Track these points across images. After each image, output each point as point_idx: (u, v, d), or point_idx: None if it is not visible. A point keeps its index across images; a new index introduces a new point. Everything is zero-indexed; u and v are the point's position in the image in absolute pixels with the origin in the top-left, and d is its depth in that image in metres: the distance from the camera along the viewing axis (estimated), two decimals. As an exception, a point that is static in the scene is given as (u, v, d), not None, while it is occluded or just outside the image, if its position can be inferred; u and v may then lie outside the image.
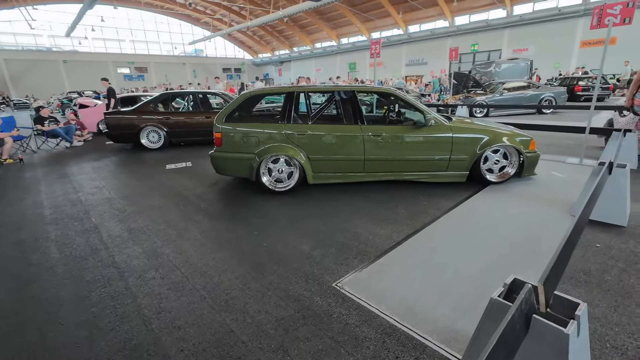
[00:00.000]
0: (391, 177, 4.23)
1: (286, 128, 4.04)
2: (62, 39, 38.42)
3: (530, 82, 11.49)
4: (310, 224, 3.35)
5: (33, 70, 36.69)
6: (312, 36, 41.24)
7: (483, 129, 4.14)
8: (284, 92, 4.18)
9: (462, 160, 4.13)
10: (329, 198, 4.03)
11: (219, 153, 4.17)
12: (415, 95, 14.28)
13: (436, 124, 4.04)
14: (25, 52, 37.00)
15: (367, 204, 3.78)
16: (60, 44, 39.28)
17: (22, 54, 36.63)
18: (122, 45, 43.03)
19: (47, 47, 38.96)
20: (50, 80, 37.20)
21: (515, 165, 4.25)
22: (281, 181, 4.22)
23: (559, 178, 4.43)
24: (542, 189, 4.02)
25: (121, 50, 42.81)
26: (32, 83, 36.23)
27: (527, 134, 4.28)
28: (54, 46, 39.13)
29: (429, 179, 4.25)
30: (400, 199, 3.92)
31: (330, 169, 4.18)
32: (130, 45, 43.53)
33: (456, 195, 3.93)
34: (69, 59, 38.65)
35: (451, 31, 28.42)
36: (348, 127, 4.06)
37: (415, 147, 4.09)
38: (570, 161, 5.15)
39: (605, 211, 3.06)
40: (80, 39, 39.53)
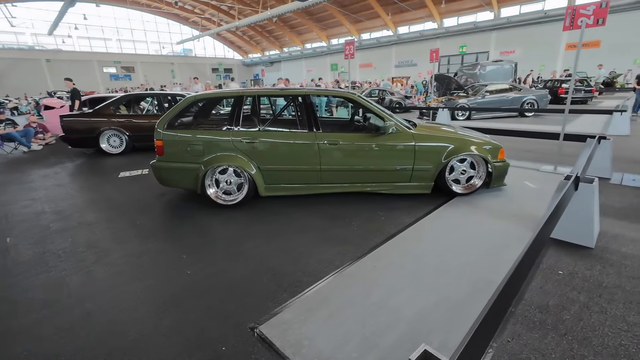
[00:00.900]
0: (351, 188, 3.90)
1: (234, 135, 3.68)
2: (46, 38, 37.42)
3: (513, 85, 11.29)
4: (251, 244, 3.00)
5: (14, 69, 35.63)
6: (302, 37, 40.92)
7: (448, 137, 3.83)
8: (232, 95, 3.81)
9: (427, 171, 3.82)
10: (279, 212, 3.68)
11: (161, 163, 3.79)
12: (399, 97, 14.02)
13: (397, 131, 3.72)
14: (6, 50, 35.91)
15: (320, 220, 3.44)
16: (43, 43, 38.26)
17: (3, 53, 35.54)
18: (108, 45, 42.12)
19: (29, 45, 37.91)
20: (32, 80, 36.19)
21: (483, 175, 3.95)
22: (230, 193, 3.86)
23: (531, 189, 4.15)
24: (511, 202, 3.73)
25: (107, 50, 41.91)
26: (13, 83, 35.17)
27: (496, 142, 3.99)
28: (36, 45, 38.10)
29: (391, 190, 3.93)
30: (358, 213, 3.59)
31: (284, 179, 3.83)
32: (117, 44, 42.65)
33: (418, 209, 3.62)
34: (52, 57, 37.62)
35: (440, 33, 28.35)
36: (302, 134, 3.71)
37: (375, 157, 3.77)
38: (545, 169, 4.88)
39: (572, 231, 2.77)
40: (64, 37, 38.55)
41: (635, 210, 3.42)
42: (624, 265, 2.44)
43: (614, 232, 2.94)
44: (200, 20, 41.79)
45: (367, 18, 32.44)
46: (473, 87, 11.75)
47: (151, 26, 44.19)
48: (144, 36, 44.09)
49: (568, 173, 2.65)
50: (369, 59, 35.02)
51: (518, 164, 5.21)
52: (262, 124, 3.78)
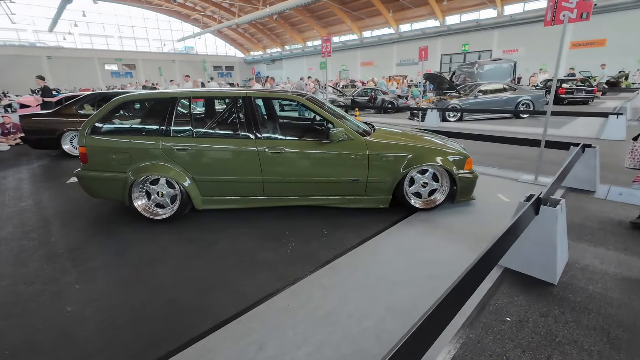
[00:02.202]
0: (297, 202, 3.48)
1: (164, 142, 3.28)
2: (47, 35, 37.41)
3: (508, 85, 10.74)
4: (162, 269, 2.59)
5: (15, 65, 35.60)
6: (303, 34, 40.46)
7: (407, 145, 3.39)
8: (164, 97, 3.41)
9: (382, 183, 3.39)
10: (211, 230, 3.27)
11: (86, 172, 3.41)
12: (392, 97, 13.53)
13: (349, 138, 3.29)
14: (7, 47, 35.93)
15: (253, 240, 3.03)
16: (44, 40, 38.26)
17: (4, 49, 35.55)
18: (109, 42, 42.04)
19: (30, 42, 37.93)
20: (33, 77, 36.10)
21: (447, 189, 3.50)
22: (163, 206, 3.46)
23: (503, 203, 3.69)
24: (477, 220, 3.28)
25: (108, 47, 41.82)
26: (13, 79, 35.19)
27: (465, 151, 3.54)
28: (38, 41, 38.11)
29: (343, 204, 3.50)
30: (300, 231, 3.17)
31: (223, 192, 3.42)
32: (118, 41, 42.56)
33: (369, 227, 3.19)
34: (53, 54, 37.56)
35: (442, 31, 27.70)
36: (240, 140, 3.30)
37: (324, 167, 3.34)
38: (525, 179, 4.41)
39: (532, 261, 2.33)
40: (65, 34, 38.51)
41: (615, 232, 2.96)
42: (587, 310, 1.99)
43: (585, 262, 2.49)
44: (202, 17, 41.51)
45: (369, 16, 31.88)
46: (466, 86, 11.21)
47: (152, 23, 44.05)
48: (145, 33, 43.96)
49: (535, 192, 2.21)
50: (371, 57, 34.48)
51: (496, 172, 4.75)
52: (196, 129, 3.37)
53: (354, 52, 35.60)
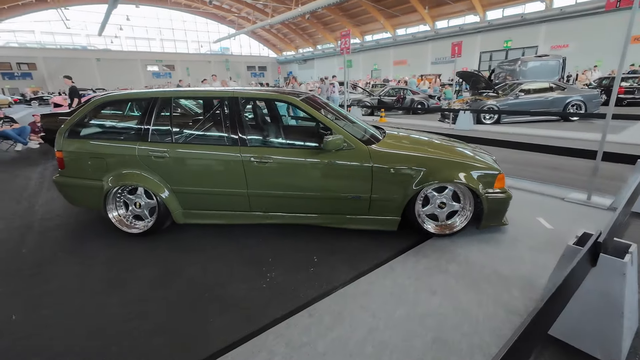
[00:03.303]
0: (289, 219, 2.99)
1: (141, 147, 2.92)
2: (97, 38, 39.91)
3: (555, 83, 9.53)
4: (115, 300, 2.21)
5: (68, 67, 38.24)
6: (335, 34, 39.98)
7: (420, 156, 2.77)
8: (143, 97, 3.05)
9: (390, 201, 2.80)
10: (188, 249, 2.85)
11: (63, 178, 3.14)
12: (422, 97, 12.65)
13: (348, 147, 2.74)
14: (62, 50, 38.82)
15: (229, 265, 2.57)
16: (95, 43, 40.90)
17: (59, 52, 38.42)
18: (151, 44, 44.16)
19: (82, 45, 40.69)
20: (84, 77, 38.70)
21: (469, 212, 2.84)
22: (142, 219, 3.11)
23: (544, 231, 2.95)
24: (507, 253, 2.60)
25: (150, 49, 43.92)
26: None
27: (494, 165, 2.86)
28: (89, 45, 40.82)
29: (342, 224, 2.95)
30: (286, 256, 2.67)
31: (205, 205, 3.01)
32: (160, 43, 44.60)
33: (368, 256, 2.62)
34: (101, 57, 40.04)
35: (482, 27, 25.99)
36: (223, 148, 2.86)
37: (319, 180, 2.82)
38: (574, 198, 3.60)
39: (582, 331, 1.66)
40: (112, 37, 40.91)
41: None
42: None
43: (664, 333, 1.77)
44: (237, 19, 42.34)
45: (403, 13, 30.71)
46: (505, 85, 10.11)
47: (191, 26, 45.66)
48: (184, 36, 45.68)
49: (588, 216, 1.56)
50: (404, 56, 33.28)
51: (536, 188, 3.96)
52: (175, 134, 2.98)
53: (387, 50, 34.56)
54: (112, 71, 40.03)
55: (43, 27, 38.10)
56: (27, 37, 38.19)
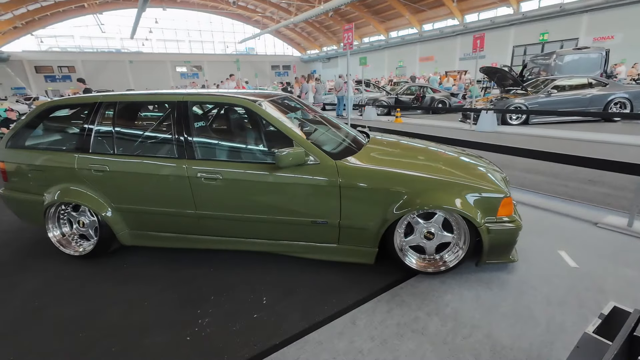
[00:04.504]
0: (245, 246, 2.53)
1: (81, 160, 2.56)
2: (130, 41, 41.55)
3: (596, 79, 8.40)
4: (7, 347, 1.84)
5: (104, 69, 40.11)
6: (359, 31, 39.17)
7: (402, 174, 2.21)
8: (86, 102, 2.69)
9: (363, 229, 2.27)
10: (123, 279, 2.46)
11: (8, 191, 2.85)
12: (443, 95, 11.77)
13: (312, 161, 2.23)
14: (98, 53, 40.76)
15: (160, 305, 2.14)
16: (128, 46, 42.65)
17: (96, 55, 40.38)
18: (180, 46, 45.45)
19: (117, 48, 42.55)
20: (118, 79, 40.42)
21: (464, 245, 2.24)
22: (87, 239, 2.77)
23: (566, 271, 2.29)
24: (510, 307, 1.97)
25: (179, 50, 45.20)
26: (102, 82, 39.60)
27: (500, 185, 2.24)
28: (122, 48, 42.62)
29: (307, 254, 2.45)
30: (231, 294, 2.21)
31: (154, 226, 2.61)
32: (188, 45, 45.80)
33: (332, 301, 2.10)
34: (134, 59, 41.65)
35: (515, 19, 24.27)
36: (169, 161, 2.44)
37: (276, 200, 2.33)
38: (610, 222, 2.86)
39: None
40: (143, 40, 42.46)
41: None
42: None
43: None
44: (262, 19, 42.54)
45: (430, 7, 29.40)
46: (536, 82, 9.07)
47: (217, 27, 46.46)
48: (211, 37, 46.60)
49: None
50: (431, 52, 31.88)
51: (562, 208, 3.23)
52: (120, 145, 2.59)
53: (413, 46, 33.28)
54: (143, 73, 41.53)
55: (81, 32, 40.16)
56: (67, 42, 40.40)
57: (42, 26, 35.60)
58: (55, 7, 32.89)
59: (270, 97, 2.74)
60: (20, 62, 35.22)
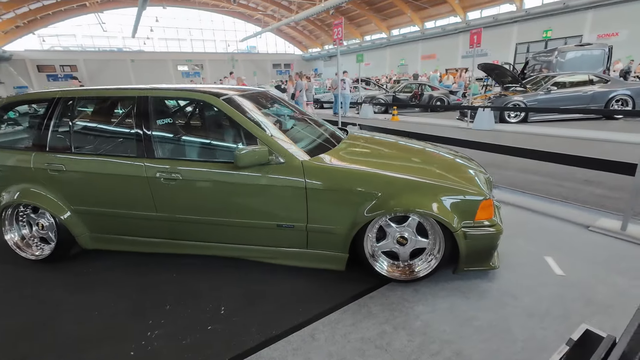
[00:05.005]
0: (210, 251, 2.38)
1: (38, 159, 2.42)
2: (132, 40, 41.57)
3: (598, 76, 8.15)
4: (-56, 362, 1.70)
5: (106, 68, 40.15)
6: (361, 29, 38.94)
7: (372, 174, 2.04)
8: (44, 97, 2.55)
9: (332, 233, 2.11)
10: (86, 286, 2.31)
11: (-33, 192, 2.72)
12: (441, 93, 11.55)
13: (275, 161, 2.07)
14: (100, 52, 40.80)
15: (111, 314, 1.99)
16: (129, 45, 42.67)
17: (97, 55, 40.42)
18: (181, 44, 45.42)
19: (118, 47, 42.58)
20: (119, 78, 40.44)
21: (440, 252, 2.07)
22: (48, 242, 2.63)
23: (551, 280, 2.11)
24: (486, 321, 1.80)
25: (180, 49, 45.17)
26: (104, 80, 39.64)
27: (481, 187, 2.06)
28: (124, 47, 42.65)
29: (275, 259, 2.30)
30: (189, 304, 2.06)
31: (115, 229, 2.47)
32: (189, 44, 45.75)
33: (294, 312, 1.94)
34: (135, 58, 41.64)
35: (518, 16, 23.96)
36: (127, 160, 2.29)
37: (240, 202, 2.18)
38: (603, 226, 2.68)
39: None
40: (144, 39, 42.45)
41: None
42: None
43: None
44: (263, 17, 42.37)
45: (432, 4, 29.09)
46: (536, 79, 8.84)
47: (219, 25, 46.36)
48: (212, 35, 46.52)
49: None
50: (433, 50, 31.57)
51: (554, 210, 3.05)
52: (77, 144, 2.44)
53: (415, 44, 32.99)
54: (145, 71, 41.53)
55: (83, 31, 40.21)
56: (69, 41, 40.47)
57: (44, 25, 35.67)
58: (57, 6, 32.92)
59: (241, 92, 2.58)
60: (22, 61, 35.31)
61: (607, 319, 1.75)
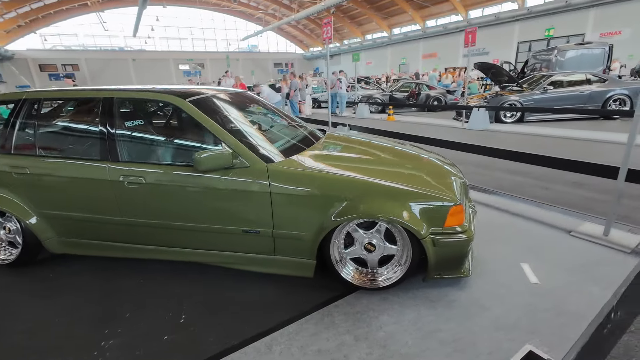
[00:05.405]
0: (176, 256, 2.32)
1: (1, 161, 2.37)
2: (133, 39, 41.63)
3: (596, 75, 8.02)
4: None
5: (107, 68, 40.23)
6: (362, 27, 38.79)
7: (339, 178, 1.97)
8: (11, 99, 2.49)
9: (298, 239, 2.04)
10: (51, 292, 2.27)
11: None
12: (438, 92, 11.44)
13: (240, 164, 2.01)
14: (101, 52, 40.88)
15: (69, 323, 1.94)
16: (131, 44, 42.73)
17: (99, 54, 40.51)
18: (183, 44, 45.43)
19: (120, 47, 42.65)
20: (121, 77, 40.50)
21: (406, 260, 2.00)
22: (16, 246, 2.58)
23: (524, 289, 2.03)
24: (451, 332, 1.73)
25: (182, 48, 45.18)
26: (106, 80, 39.73)
27: (449, 192, 1.99)
28: (125, 46, 42.71)
29: (242, 265, 2.23)
30: (150, 312, 2.00)
31: (82, 234, 2.42)
32: (190, 43, 45.76)
33: (255, 321, 1.88)
34: (136, 57, 41.68)
35: (520, 14, 23.77)
36: (91, 162, 2.24)
37: (204, 207, 2.12)
38: (585, 231, 2.59)
39: None
40: (146, 38, 42.50)
41: None
42: None
43: None
44: (264, 16, 42.29)
45: (433, 3, 28.86)
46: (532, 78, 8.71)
47: (220, 24, 46.34)
48: (213, 34, 46.51)
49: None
50: (434, 49, 31.38)
51: (535, 213, 2.97)
52: (42, 146, 2.39)
53: (416, 43, 32.81)
54: (146, 71, 41.57)
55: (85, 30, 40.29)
56: (71, 40, 40.57)
57: (46, 24, 35.78)
58: (59, 5, 32.99)
59: (214, 93, 2.51)
60: (24, 61, 35.45)
61: (577, 331, 1.67)
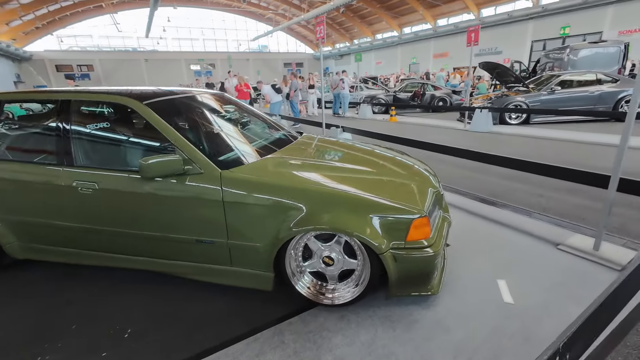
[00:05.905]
0: (133, 264, 2.23)
1: (-40, 165, 2.33)
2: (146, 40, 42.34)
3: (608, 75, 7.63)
4: None
5: (121, 68, 41.02)
6: (372, 27, 38.48)
7: (296, 187, 1.84)
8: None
9: (254, 251, 1.92)
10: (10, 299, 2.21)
11: None
12: (443, 92, 11.15)
13: (194, 171, 1.90)
14: (115, 52, 41.72)
15: (12, 338, 1.87)
16: (144, 45, 43.48)
17: (113, 54, 41.34)
18: (194, 44, 45.98)
19: (133, 47, 43.44)
20: (133, 77, 41.20)
21: (366, 275, 1.85)
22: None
23: (495, 310, 1.85)
24: (407, 355, 1.58)
25: (193, 48, 45.73)
26: (119, 80, 40.52)
27: (416, 202, 1.83)
28: (139, 47, 43.49)
29: (199, 276, 2.13)
30: (96, 324, 1.91)
31: (44, 239, 2.35)
32: (202, 43, 46.28)
33: (200, 338, 1.76)
34: (149, 57, 42.35)
35: (534, 12, 23.11)
36: (47, 167, 2.17)
37: (158, 215, 2.02)
38: (574, 244, 2.39)
39: None
40: (158, 39, 43.16)
41: None
42: None
43: None
44: (274, 16, 42.40)
45: (445, 1, 28.38)
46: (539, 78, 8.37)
47: (230, 25, 46.71)
48: (224, 35, 46.93)
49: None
50: (445, 48, 30.85)
51: (524, 224, 2.76)
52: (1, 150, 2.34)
53: (427, 42, 32.34)
54: (158, 71, 42.17)
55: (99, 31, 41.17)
56: (86, 41, 41.53)
57: (62, 26, 36.72)
58: (74, 7, 33.79)
59: (182, 95, 2.42)
60: (42, 61, 36.45)
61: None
